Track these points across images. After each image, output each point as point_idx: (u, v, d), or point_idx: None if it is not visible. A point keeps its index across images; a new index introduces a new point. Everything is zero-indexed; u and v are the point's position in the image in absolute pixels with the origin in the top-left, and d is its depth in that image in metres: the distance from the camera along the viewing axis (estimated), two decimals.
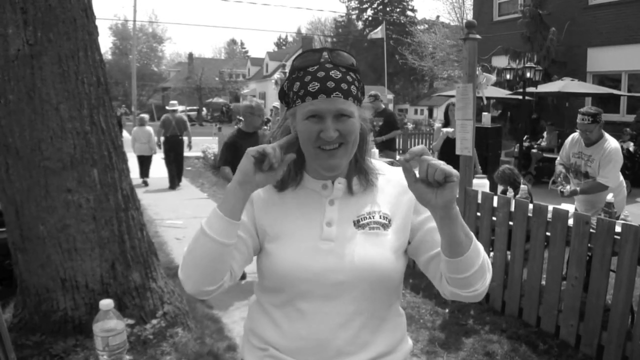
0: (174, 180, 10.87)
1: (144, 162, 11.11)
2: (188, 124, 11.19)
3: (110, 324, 1.50)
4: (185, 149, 11.02)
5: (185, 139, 10.98)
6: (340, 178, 1.32)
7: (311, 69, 1.23)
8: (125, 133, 18.19)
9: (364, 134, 1.32)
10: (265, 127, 16.43)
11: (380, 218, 1.31)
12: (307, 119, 1.22)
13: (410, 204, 1.33)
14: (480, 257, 1.19)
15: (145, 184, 11.07)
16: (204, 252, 1.19)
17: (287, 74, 1.31)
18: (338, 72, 1.22)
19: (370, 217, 1.31)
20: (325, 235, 1.27)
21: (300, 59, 1.27)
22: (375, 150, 7.10)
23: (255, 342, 1.35)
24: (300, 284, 1.25)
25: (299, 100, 1.24)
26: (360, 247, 1.27)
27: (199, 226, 1.20)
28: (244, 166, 1.17)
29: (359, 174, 1.34)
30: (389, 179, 1.38)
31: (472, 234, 1.18)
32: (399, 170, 1.43)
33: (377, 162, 1.42)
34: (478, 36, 4.48)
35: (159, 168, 11.48)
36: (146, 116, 11.80)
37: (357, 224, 1.30)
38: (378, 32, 22.06)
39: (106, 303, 1.52)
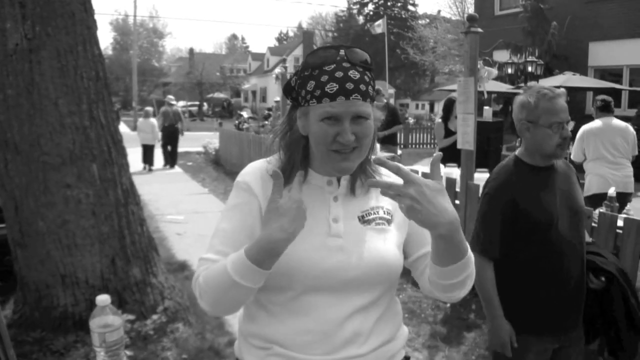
0: (169, 160, 12.89)
1: (148, 150, 12.46)
2: (182, 115, 13.47)
3: (107, 320, 1.48)
4: (180, 135, 13.08)
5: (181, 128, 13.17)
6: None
7: (327, 67, 1.19)
8: (125, 128, 18.34)
9: (373, 133, 1.30)
10: (266, 122, 16.46)
11: (384, 214, 1.31)
12: (323, 120, 1.19)
13: None
14: (467, 271, 1.19)
15: (150, 170, 12.37)
16: (234, 298, 1.18)
17: (299, 70, 1.25)
18: (356, 72, 1.19)
19: (375, 213, 1.30)
20: (334, 232, 1.26)
21: (314, 56, 1.21)
22: (377, 145, 7.09)
23: (256, 342, 1.31)
24: (309, 281, 1.23)
25: (313, 101, 1.20)
26: (368, 243, 1.26)
27: (227, 275, 1.13)
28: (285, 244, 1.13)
29: (362, 174, 1.32)
30: (388, 174, 1.35)
31: (467, 246, 1.17)
32: None
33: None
34: (480, 30, 4.43)
35: (158, 157, 12.96)
36: (151, 109, 13.19)
37: (363, 220, 1.29)
38: (379, 27, 21.96)
39: (103, 299, 1.51)
